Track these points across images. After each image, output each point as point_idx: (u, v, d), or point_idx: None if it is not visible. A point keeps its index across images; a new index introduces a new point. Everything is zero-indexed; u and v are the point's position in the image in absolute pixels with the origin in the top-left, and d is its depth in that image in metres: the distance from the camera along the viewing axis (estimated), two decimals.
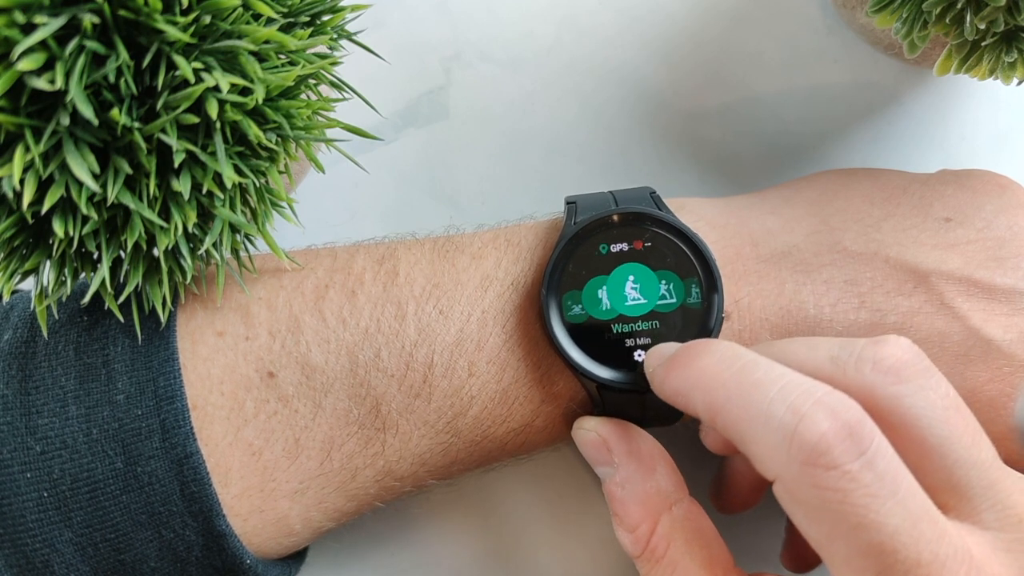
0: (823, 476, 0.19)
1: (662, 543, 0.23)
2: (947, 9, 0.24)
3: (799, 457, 0.19)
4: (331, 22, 0.23)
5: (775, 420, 0.19)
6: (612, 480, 0.24)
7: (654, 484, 0.24)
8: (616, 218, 0.26)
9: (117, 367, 0.23)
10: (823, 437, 0.19)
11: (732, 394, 0.20)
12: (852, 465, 0.19)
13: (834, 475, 0.18)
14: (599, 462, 0.25)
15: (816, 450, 0.19)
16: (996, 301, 0.26)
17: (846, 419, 0.19)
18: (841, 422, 0.19)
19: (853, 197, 0.28)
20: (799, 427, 0.19)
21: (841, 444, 0.19)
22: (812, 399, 0.19)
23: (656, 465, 0.24)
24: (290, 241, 0.28)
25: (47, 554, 0.22)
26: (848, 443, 0.19)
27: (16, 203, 0.20)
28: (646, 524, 0.23)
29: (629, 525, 0.24)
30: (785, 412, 0.19)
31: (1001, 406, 0.25)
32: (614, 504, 0.24)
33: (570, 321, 0.25)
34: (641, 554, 0.23)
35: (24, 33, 0.18)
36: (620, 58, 0.34)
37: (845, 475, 0.18)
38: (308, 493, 0.24)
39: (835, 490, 0.18)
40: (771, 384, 0.20)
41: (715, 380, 0.21)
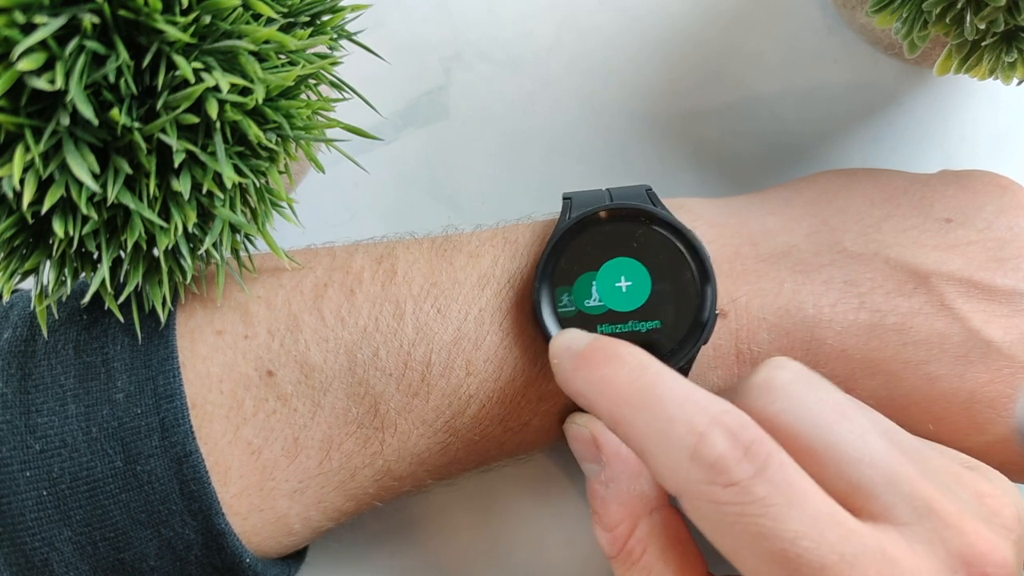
0: (721, 493, 0.19)
1: (639, 546, 0.23)
2: (947, 9, 0.24)
3: (698, 476, 0.19)
4: (331, 22, 0.23)
5: (675, 439, 0.20)
6: (597, 478, 0.24)
7: (638, 487, 0.24)
8: (609, 213, 0.26)
9: (116, 366, 0.23)
10: (720, 457, 0.19)
11: (636, 409, 0.21)
12: (749, 479, 0.19)
13: (733, 492, 0.19)
14: (586, 458, 0.25)
15: (714, 469, 0.19)
16: (996, 302, 0.26)
17: (742, 437, 0.20)
18: (738, 441, 0.19)
19: (853, 197, 0.28)
20: (698, 447, 0.19)
21: (737, 463, 0.19)
22: (710, 417, 0.20)
23: (641, 469, 0.24)
24: (290, 241, 0.28)
25: (46, 553, 0.22)
26: (744, 461, 0.19)
27: (16, 203, 0.20)
28: (625, 525, 0.23)
29: (607, 524, 0.24)
30: (685, 432, 0.20)
31: (1002, 407, 0.25)
32: (595, 502, 0.24)
33: (561, 315, 0.25)
34: (617, 555, 0.23)
35: (24, 33, 0.18)
36: (620, 58, 0.34)
37: (741, 490, 0.19)
38: (307, 492, 0.25)
39: (733, 504, 0.19)
40: (673, 401, 0.20)
41: (620, 392, 0.21)
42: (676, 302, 0.25)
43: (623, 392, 0.21)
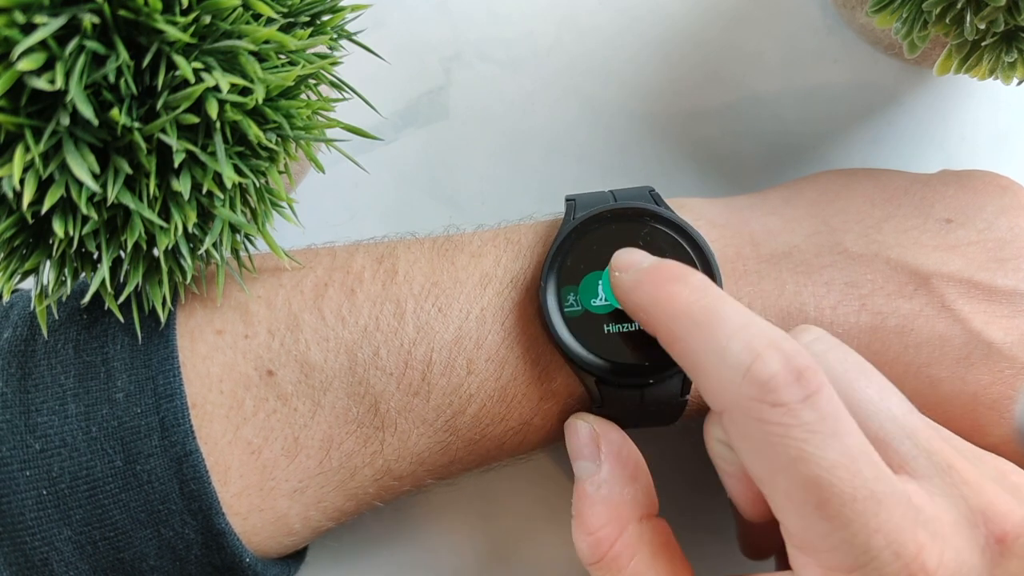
0: (768, 412, 0.20)
1: (626, 553, 0.23)
2: (947, 9, 0.24)
3: (748, 393, 0.20)
4: (331, 22, 0.23)
5: (731, 356, 0.20)
6: (590, 478, 0.24)
7: (631, 493, 0.24)
8: (614, 213, 0.26)
9: (116, 365, 0.23)
10: (773, 377, 0.20)
11: (695, 326, 0.21)
12: (796, 404, 0.19)
13: (779, 412, 0.19)
14: (583, 456, 0.25)
15: (765, 388, 0.20)
16: (997, 303, 0.26)
17: (796, 363, 0.20)
18: (792, 366, 0.20)
19: (854, 198, 0.28)
20: (753, 365, 0.20)
21: (788, 384, 0.20)
22: (768, 341, 0.20)
23: (638, 476, 0.24)
24: (290, 241, 0.28)
25: (46, 552, 0.22)
26: (795, 384, 0.20)
27: (16, 203, 0.20)
28: (609, 529, 0.23)
29: (589, 527, 0.23)
30: (742, 350, 0.20)
31: (1004, 409, 0.25)
32: (582, 503, 0.24)
33: (568, 314, 0.25)
34: (598, 561, 0.23)
35: (24, 33, 0.18)
36: (620, 58, 0.34)
37: (788, 412, 0.19)
38: (307, 492, 0.25)
39: (778, 424, 0.19)
40: (732, 322, 0.21)
41: (682, 309, 0.22)
42: None
43: (685, 308, 0.22)
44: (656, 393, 0.25)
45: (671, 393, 0.25)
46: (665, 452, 0.32)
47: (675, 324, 0.22)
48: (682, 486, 0.32)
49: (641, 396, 0.25)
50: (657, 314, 0.22)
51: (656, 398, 0.25)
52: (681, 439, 0.32)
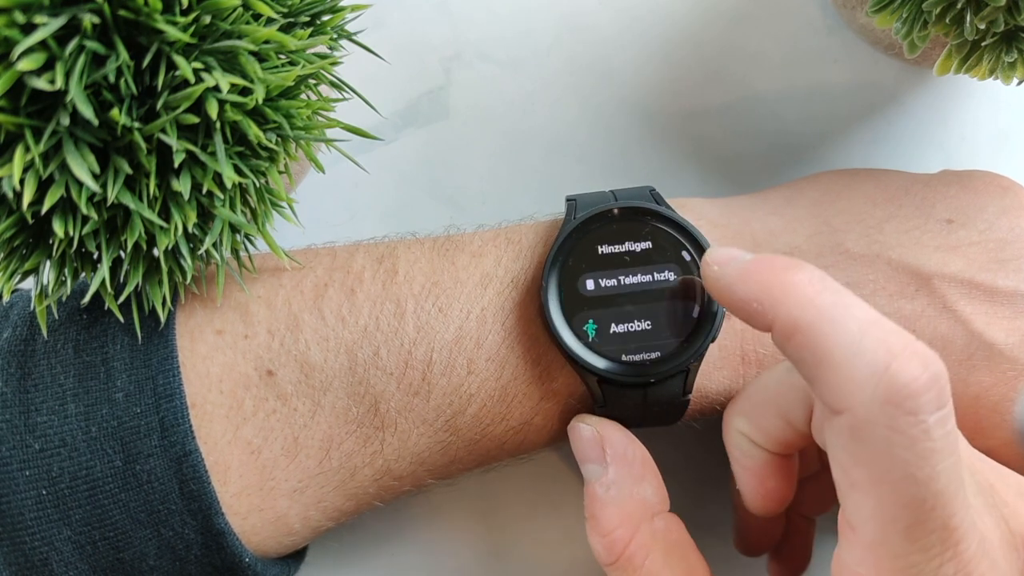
0: (901, 420, 0.18)
1: (641, 552, 0.23)
2: (947, 9, 0.24)
3: (883, 395, 0.18)
4: (331, 22, 0.23)
5: (867, 353, 0.19)
6: (598, 480, 0.24)
7: (640, 492, 0.24)
8: (615, 212, 0.26)
9: (116, 365, 0.23)
10: (914, 382, 0.18)
11: (823, 315, 0.20)
12: (930, 417, 0.18)
13: (911, 421, 0.18)
14: (590, 459, 0.24)
15: (903, 392, 0.18)
16: (998, 304, 0.26)
17: (935, 371, 0.19)
18: (931, 373, 0.19)
19: (855, 198, 0.28)
20: (893, 366, 0.19)
21: (927, 394, 0.18)
22: (905, 342, 0.19)
23: (646, 474, 0.24)
24: (290, 241, 0.28)
25: (46, 552, 0.22)
26: (933, 395, 0.19)
27: (16, 203, 0.20)
28: (623, 530, 0.23)
29: (603, 529, 0.23)
30: (878, 347, 0.19)
31: (1005, 410, 0.25)
32: (594, 505, 0.24)
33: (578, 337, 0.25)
34: (614, 561, 0.23)
35: (24, 33, 0.18)
36: (620, 58, 0.34)
37: (921, 424, 0.18)
38: (307, 492, 0.25)
39: (907, 436, 0.18)
40: (864, 316, 0.20)
41: (806, 297, 0.20)
42: (684, 300, 0.25)
43: (810, 297, 0.20)
44: (658, 392, 0.25)
45: (673, 393, 0.25)
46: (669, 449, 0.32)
47: (798, 313, 0.20)
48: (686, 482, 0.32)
49: (644, 396, 0.25)
50: (775, 303, 0.20)
51: (658, 398, 0.25)
52: (683, 436, 0.32)
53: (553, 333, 0.25)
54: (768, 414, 0.23)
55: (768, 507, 0.24)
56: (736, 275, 0.22)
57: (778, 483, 0.24)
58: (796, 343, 0.20)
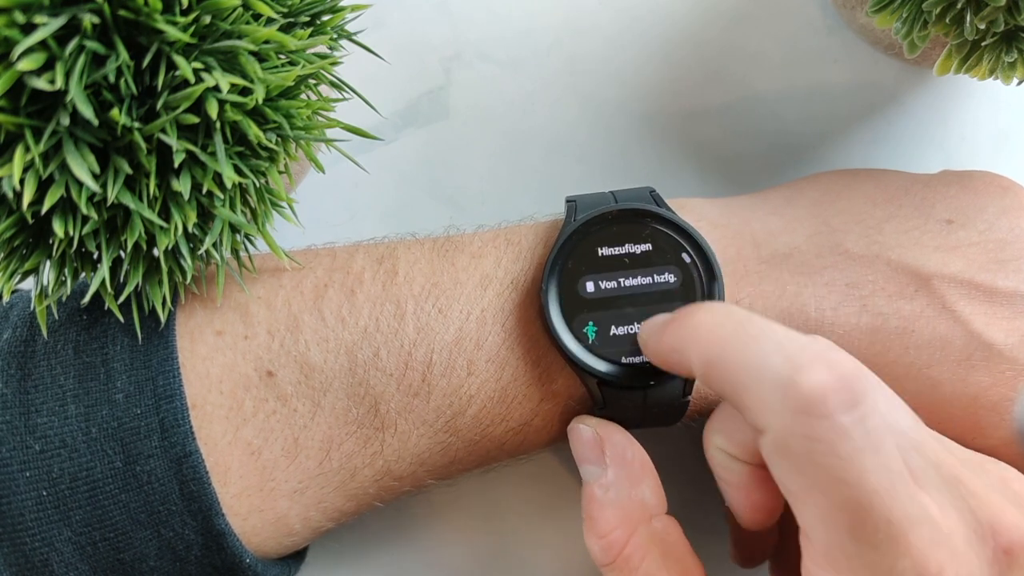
0: (814, 425, 0.19)
1: (637, 554, 0.23)
2: (947, 9, 0.24)
3: (793, 406, 0.19)
4: (331, 22, 0.23)
5: (771, 370, 0.19)
6: (597, 481, 0.24)
7: (638, 494, 0.24)
8: (615, 214, 0.26)
9: (116, 366, 0.23)
10: (819, 386, 0.19)
11: (729, 346, 0.20)
12: (844, 417, 0.19)
13: (825, 425, 0.19)
14: (589, 460, 0.24)
15: (810, 399, 0.19)
16: (998, 304, 0.26)
17: (842, 372, 0.19)
18: (837, 374, 0.19)
19: (855, 198, 0.28)
20: (796, 377, 0.19)
21: (836, 395, 0.19)
22: (809, 352, 0.19)
23: (645, 476, 0.24)
24: (290, 241, 0.28)
25: (46, 553, 0.22)
26: (843, 395, 0.19)
27: (16, 203, 0.20)
28: (620, 531, 0.23)
29: (601, 530, 0.23)
30: (782, 363, 0.19)
31: (1004, 411, 0.25)
32: (592, 506, 0.24)
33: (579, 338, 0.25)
34: (611, 563, 0.23)
35: (24, 33, 0.18)
36: (620, 58, 0.34)
37: (835, 426, 0.19)
38: (307, 493, 0.25)
39: (824, 441, 0.19)
40: (768, 338, 0.20)
41: (712, 334, 0.21)
42: (684, 301, 0.25)
43: (715, 333, 0.21)
44: (658, 394, 0.25)
45: (673, 394, 0.25)
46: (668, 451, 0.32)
47: (707, 350, 0.21)
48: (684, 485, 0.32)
49: (644, 397, 0.25)
50: (688, 345, 0.21)
51: (658, 399, 0.25)
52: (682, 438, 0.32)
53: (553, 335, 0.25)
54: (739, 426, 0.23)
55: (758, 519, 0.24)
56: (656, 334, 0.23)
57: (764, 495, 0.24)
58: (713, 378, 0.21)
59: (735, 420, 0.24)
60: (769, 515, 0.24)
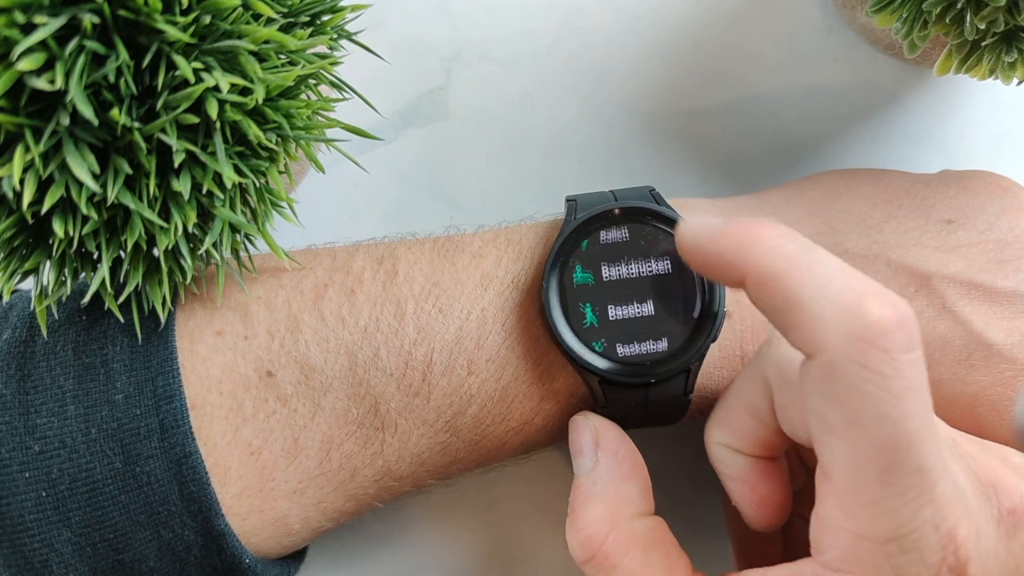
0: (874, 356, 0.18)
1: (618, 550, 0.22)
2: (947, 9, 0.24)
3: (855, 332, 0.19)
4: (331, 22, 0.23)
5: (837, 293, 0.19)
6: (586, 474, 0.24)
7: (624, 490, 0.23)
8: (616, 212, 0.26)
9: (116, 367, 0.23)
10: (884, 319, 0.19)
11: (793, 263, 0.20)
12: (902, 356, 0.18)
13: (884, 358, 0.18)
14: (582, 452, 0.24)
15: (874, 329, 0.18)
16: (997, 304, 0.26)
17: (904, 312, 0.19)
18: (900, 313, 0.19)
19: (855, 198, 0.28)
20: (863, 304, 0.19)
21: (899, 331, 0.19)
22: (875, 287, 0.19)
23: (634, 475, 0.24)
24: (290, 241, 0.28)
25: (45, 554, 0.22)
26: (904, 333, 0.19)
27: (16, 203, 0.20)
28: (601, 525, 0.23)
29: (580, 524, 0.23)
30: (848, 289, 0.19)
31: (1004, 410, 0.25)
32: (578, 496, 0.23)
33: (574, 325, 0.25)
34: (590, 559, 0.22)
35: (24, 33, 0.18)
36: (620, 57, 0.34)
37: (893, 361, 0.18)
38: (307, 493, 0.24)
39: (880, 373, 0.18)
40: (834, 264, 0.20)
41: (776, 247, 0.20)
42: (685, 299, 0.25)
43: (780, 248, 0.20)
44: (660, 392, 0.25)
45: (675, 392, 0.25)
46: (667, 451, 0.32)
47: (769, 261, 0.20)
48: (684, 485, 0.32)
49: (645, 395, 0.25)
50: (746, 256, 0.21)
51: (660, 397, 0.25)
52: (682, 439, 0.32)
53: (554, 332, 0.25)
54: (739, 417, 0.23)
55: (766, 516, 0.24)
56: (708, 236, 0.22)
57: (770, 488, 0.24)
58: (768, 291, 0.20)
59: (734, 411, 0.24)
60: (777, 512, 0.24)
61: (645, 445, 0.25)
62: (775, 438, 0.23)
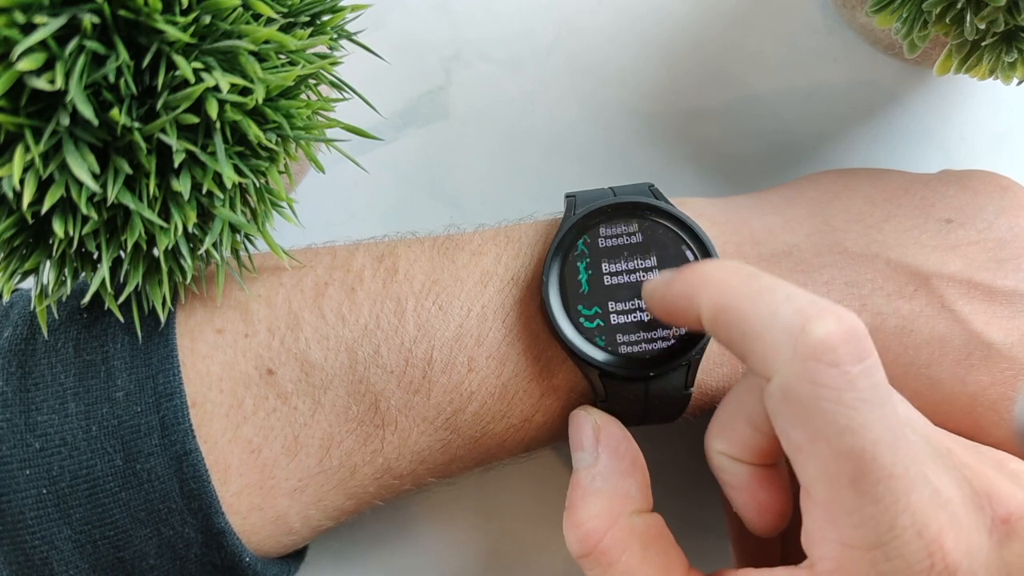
0: (824, 372, 0.19)
1: (617, 547, 0.22)
2: (947, 9, 0.24)
3: (803, 352, 0.19)
4: (331, 22, 0.23)
5: (783, 318, 0.20)
6: (586, 469, 0.24)
7: (624, 487, 0.23)
8: (614, 208, 0.26)
9: (116, 364, 0.23)
10: (830, 335, 0.19)
11: (740, 293, 0.21)
12: (852, 368, 0.19)
13: (834, 373, 0.19)
14: (582, 446, 0.24)
15: (821, 346, 0.19)
16: (997, 303, 0.26)
17: (851, 325, 0.19)
18: (847, 327, 0.19)
19: (855, 197, 0.28)
20: (807, 325, 0.19)
21: (845, 345, 0.19)
22: (820, 304, 0.20)
23: (634, 472, 0.24)
24: (290, 241, 0.28)
25: (46, 551, 0.22)
26: (852, 346, 0.19)
27: (16, 203, 0.20)
28: (599, 521, 0.23)
29: (578, 519, 0.23)
30: (793, 313, 0.20)
31: (1004, 410, 0.25)
32: (576, 492, 0.24)
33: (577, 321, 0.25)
34: (588, 554, 0.23)
35: (24, 33, 0.18)
36: (620, 57, 0.34)
37: (844, 375, 0.19)
38: (307, 491, 0.25)
39: (832, 388, 0.19)
40: (779, 289, 0.20)
41: (723, 282, 0.21)
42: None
43: (727, 282, 0.21)
44: (661, 386, 0.25)
45: (675, 386, 0.25)
46: (667, 451, 0.32)
47: (718, 297, 0.21)
48: (682, 484, 0.32)
49: (645, 389, 0.25)
50: (698, 294, 0.22)
51: (661, 391, 0.25)
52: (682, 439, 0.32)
53: (554, 327, 0.25)
54: (738, 427, 0.23)
55: (767, 521, 0.24)
56: (664, 284, 0.23)
57: (771, 495, 0.24)
58: (721, 324, 0.21)
59: (733, 419, 0.24)
60: (778, 517, 0.24)
61: (645, 444, 0.25)
62: (774, 445, 0.23)
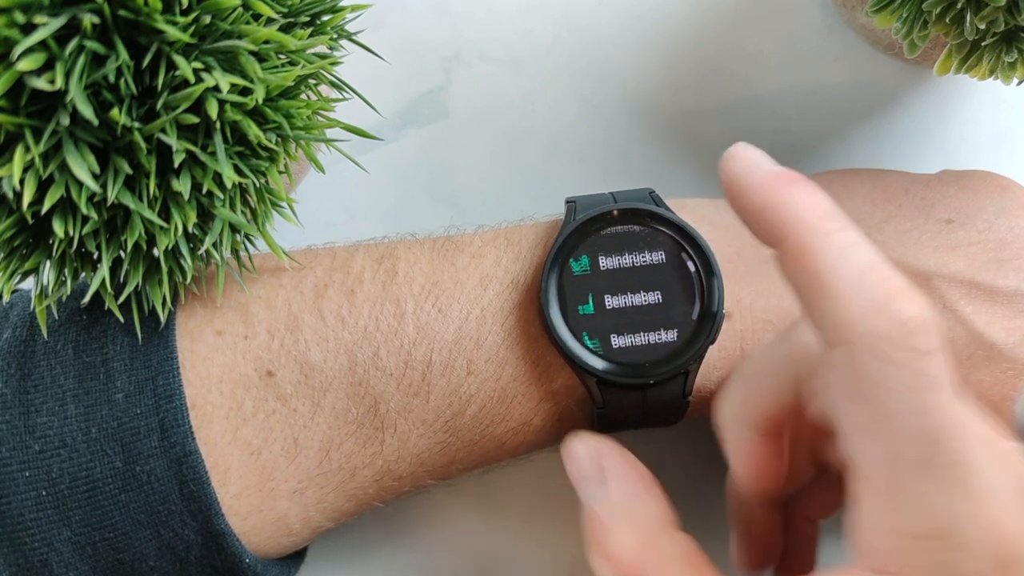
0: (900, 353, 0.18)
1: (654, 574, 0.21)
2: (947, 9, 0.24)
3: (885, 327, 0.19)
4: (331, 22, 0.23)
5: (868, 288, 0.19)
6: (600, 502, 0.22)
7: (645, 508, 0.22)
8: (615, 214, 0.26)
9: (116, 366, 0.23)
10: (912, 320, 0.19)
11: (829, 245, 0.20)
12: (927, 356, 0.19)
13: (912, 355, 0.18)
14: (589, 478, 0.23)
15: (902, 328, 0.18)
16: (998, 304, 0.26)
17: (930, 315, 0.19)
18: (926, 316, 0.19)
19: (855, 198, 0.28)
20: (896, 301, 0.19)
21: (927, 332, 0.19)
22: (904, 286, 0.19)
23: (649, 488, 0.23)
24: (290, 241, 0.28)
25: (45, 553, 0.22)
26: (931, 335, 0.19)
27: (16, 203, 0.20)
28: (634, 551, 0.21)
29: (610, 552, 0.21)
30: (879, 286, 0.19)
31: (1006, 410, 0.25)
32: (597, 527, 0.22)
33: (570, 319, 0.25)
34: None
35: (24, 33, 0.18)
36: (620, 57, 0.34)
37: (920, 358, 0.18)
38: (307, 493, 0.25)
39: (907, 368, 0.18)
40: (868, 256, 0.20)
41: (817, 222, 0.20)
42: (684, 300, 0.25)
43: (820, 223, 0.20)
44: (658, 394, 0.25)
45: (673, 394, 0.25)
46: (666, 450, 0.32)
47: (806, 238, 0.20)
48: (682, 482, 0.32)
49: (643, 397, 0.25)
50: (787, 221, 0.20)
51: (658, 399, 0.25)
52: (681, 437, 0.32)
53: (552, 333, 0.25)
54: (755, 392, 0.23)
55: (763, 483, 0.23)
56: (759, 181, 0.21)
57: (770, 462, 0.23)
58: (800, 267, 0.20)
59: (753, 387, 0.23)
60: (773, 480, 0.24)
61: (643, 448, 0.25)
62: (783, 414, 0.23)
